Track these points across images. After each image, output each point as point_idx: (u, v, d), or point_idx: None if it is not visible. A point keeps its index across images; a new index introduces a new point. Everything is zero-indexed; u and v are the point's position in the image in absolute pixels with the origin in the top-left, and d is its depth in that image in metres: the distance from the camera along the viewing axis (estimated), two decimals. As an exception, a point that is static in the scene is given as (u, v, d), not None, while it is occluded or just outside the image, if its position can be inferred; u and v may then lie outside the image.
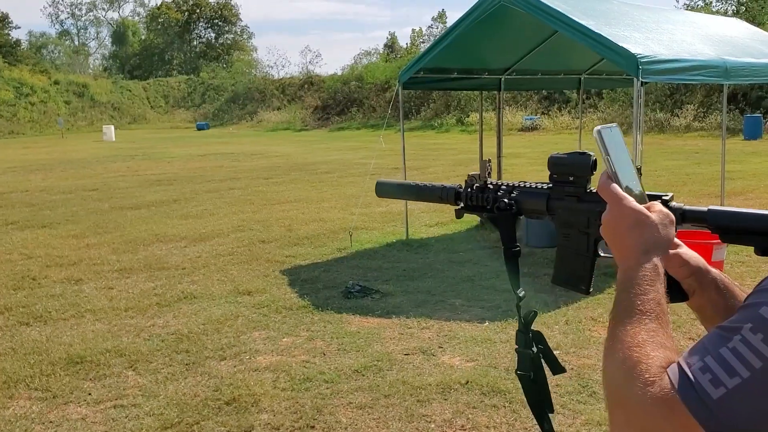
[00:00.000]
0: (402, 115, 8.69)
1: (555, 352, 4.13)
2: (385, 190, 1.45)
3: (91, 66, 76.80)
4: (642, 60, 6.17)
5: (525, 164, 16.69)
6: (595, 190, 1.11)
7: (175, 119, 53.18)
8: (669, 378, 0.81)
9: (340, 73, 48.49)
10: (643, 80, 6.28)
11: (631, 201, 0.98)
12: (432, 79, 8.89)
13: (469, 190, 1.28)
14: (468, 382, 4.31)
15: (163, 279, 7.11)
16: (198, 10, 73.18)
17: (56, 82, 51.07)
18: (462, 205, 1.30)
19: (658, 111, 26.60)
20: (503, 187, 1.24)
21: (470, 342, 5.04)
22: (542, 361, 1.24)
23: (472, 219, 9.66)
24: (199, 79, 58.67)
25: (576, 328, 5.26)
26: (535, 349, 1.23)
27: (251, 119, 47.78)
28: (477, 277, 6.84)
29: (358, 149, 24.10)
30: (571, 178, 1.12)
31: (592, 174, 1.11)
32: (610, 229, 0.99)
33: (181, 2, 73.53)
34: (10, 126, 44.19)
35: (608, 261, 1.13)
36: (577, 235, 1.13)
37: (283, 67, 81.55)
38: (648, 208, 0.99)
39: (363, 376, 4.51)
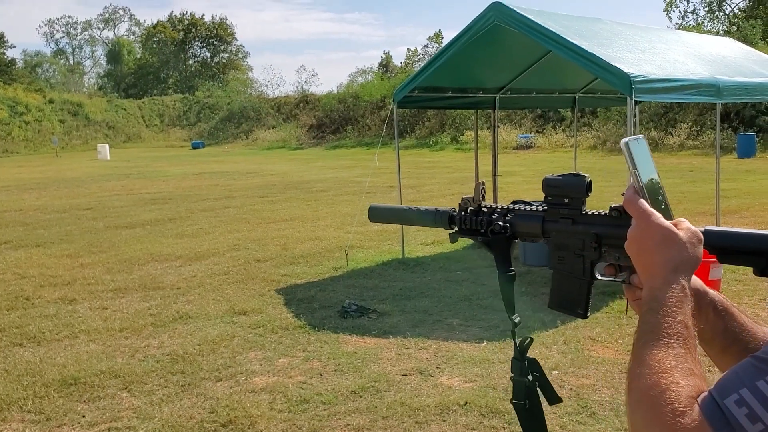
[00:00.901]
0: (397, 134, 8.69)
1: (554, 373, 4.05)
2: (378, 214, 1.43)
3: (86, 85, 76.95)
4: (635, 79, 6.20)
5: (520, 182, 16.71)
6: (591, 212, 1.10)
7: (170, 138, 53.18)
8: (700, 409, 0.78)
9: (335, 91, 48.64)
10: (637, 99, 6.31)
11: (659, 217, 0.95)
12: (426, 98, 8.91)
13: (463, 213, 1.26)
14: (467, 403, 4.28)
15: (158, 299, 7.06)
16: (194, 30, 73.57)
17: (51, 101, 51.09)
18: (456, 229, 1.28)
19: (652, 129, 26.73)
20: (498, 210, 1.22)
21: (468, 362, 5.01)
22: (538, 389, 1.21)
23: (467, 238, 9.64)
24: (195, 97, 58.75)
25: (574, 347, 5.23)
26: (530, 377, 1.21)
27: (246, 138, 47.83)
28: (474, 296, 6.82)
29: (353, 167, 24.13)
30: (566, 200, 1.11)
31: (587, 196, 1.10)
32: (636, 245, 0.96)
33: (177, 21, 73.93)
34: (4, 145, 44.13)
35: (607, 281, 1.11)
36: (573, 258, 1.11)
37: (278, 86, 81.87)
38: (675, 225, 0.96)
39: (360, 397, 4.47)
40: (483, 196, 1.25)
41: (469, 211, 1.25)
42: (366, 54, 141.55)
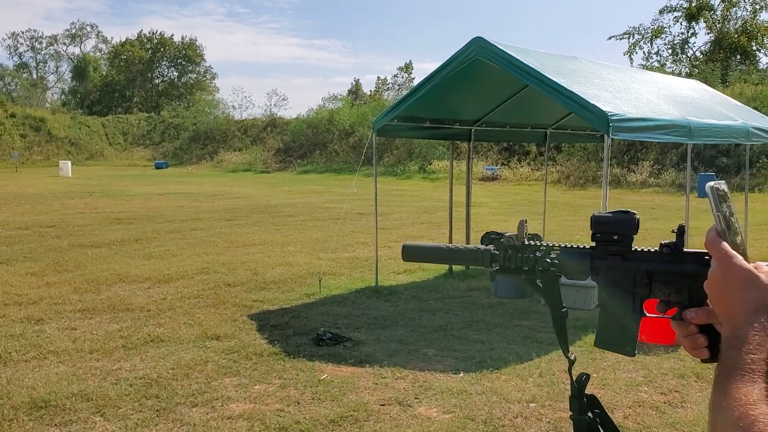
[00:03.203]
0: (375, 161, 8.73)
1: (531, 405, 4.07)
2: (413, 253, 1.36)
3: (49, 100, 75.63)
4: (612, 118, 6.35)
5: (488, 213, 16.87)
6: (640, 249, 1.12)
7: (133, 157, 52.58)
8: None
9: (303, 115, 48.64)
10: (613, 137, 6.46)
11: (741, 259, 0.97)
12: (405, 127, 8.99)
13: (507, 251, 1.23)
14: (447, 434, 4.27)
15: (127, 321, 6.93)
16: (162, 49, 73.16)
17: (12, 115, 50.21)
18: (498, 267, 1.24)
19: (614, 166, 27.30)
20: (542, 247, 1.21)
21: (446, 393, 5.00)
22: (599, 427, 1.20)
23: (439, 267, 9.67)
24: (160, 117, 58.29)
25: (550, 380, 5.27)
26: (591, 414, 1.20)
27: (211, 159, 47.54)
28: (448, 326, 6.83)
29: (321, 193, 24.10)
30: (615, 237, 1.13)
31: (636, 233, 1.12)
32: (717, 286, 0.98)
33: (146, 40, 73.47)
34: (-39, 158, 43.16)
35: (577, 314, 1.13)
36: (622, 295, 1.12)
37: (247, 108, 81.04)
38: (755, 268, 0.98)
39: (340, 426, 4.43)
40: (526, 234, 1.25)
41: (512, 248, 1.23)
42: (333, 80, 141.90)
